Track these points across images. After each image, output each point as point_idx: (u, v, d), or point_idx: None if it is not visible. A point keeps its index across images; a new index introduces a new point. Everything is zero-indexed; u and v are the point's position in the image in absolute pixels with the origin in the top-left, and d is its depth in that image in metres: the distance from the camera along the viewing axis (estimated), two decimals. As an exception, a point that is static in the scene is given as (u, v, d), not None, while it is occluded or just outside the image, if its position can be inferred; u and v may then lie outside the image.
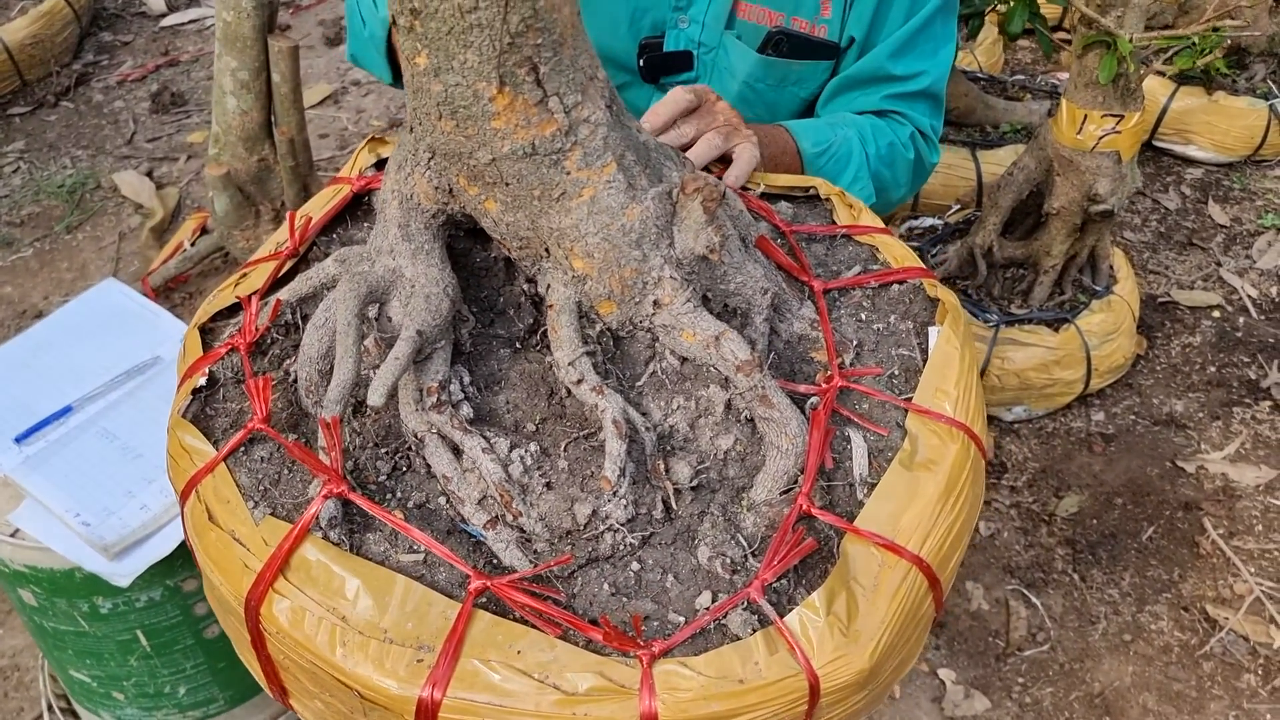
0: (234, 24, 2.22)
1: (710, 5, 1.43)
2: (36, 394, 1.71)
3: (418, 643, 0.73)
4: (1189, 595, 2.22)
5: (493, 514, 0.81)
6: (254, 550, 0.79)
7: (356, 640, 0.73)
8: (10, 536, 1.56)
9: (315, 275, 0.94)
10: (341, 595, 0.75)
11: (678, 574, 0.79)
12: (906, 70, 1.43)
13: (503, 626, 0.74)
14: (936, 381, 0.89)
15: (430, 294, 0.86)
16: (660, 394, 0.88)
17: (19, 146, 3.63)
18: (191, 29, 4.25)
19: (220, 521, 0.81)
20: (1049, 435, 2.58)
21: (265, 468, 0.85)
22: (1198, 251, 3.08)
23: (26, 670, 2.15)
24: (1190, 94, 3.26)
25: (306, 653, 0.75)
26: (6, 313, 2.99)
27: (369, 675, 0.72)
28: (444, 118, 0.80)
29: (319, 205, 1.08)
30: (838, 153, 1.35)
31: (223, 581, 0.80)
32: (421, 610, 0.74)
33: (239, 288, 0.99)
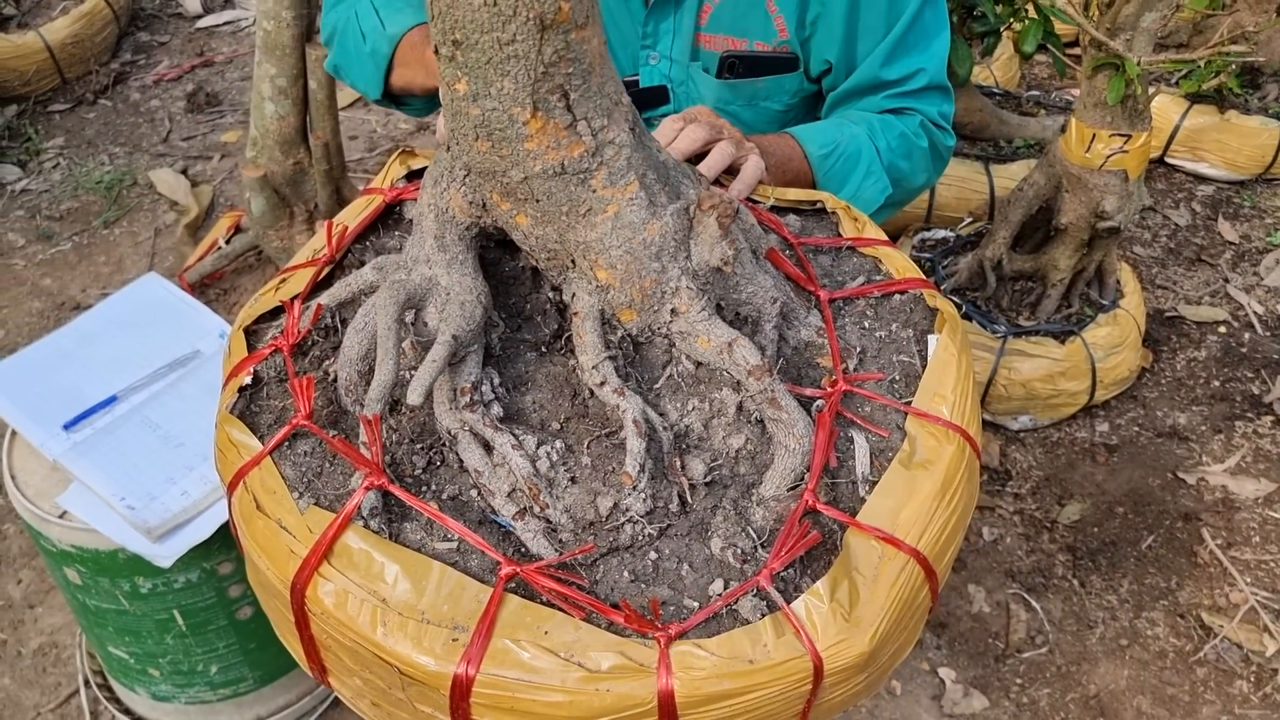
0: (274, 33, 2.31)
1: (675, 39, 1.47)
2: (83, 383, 1.80)
3: (453, 623, 0.78)
4: (1185, 603, 2.29)
5: (521, 506, 0.87)
6: (300, 537, 0.84)
7: (396, 621, 0.79)
8: (59, 518, 1.65)
9: (354, 281, 1.00)
10: (382, 579, 0.80)
11: (692, 563, 0.85)
12: (901, 73, 1.43)
13: (531, 609, 0.79)
14: (935, 387, 0.95)
15: (465, 301, 0.93)
16: (676, 396, 0.94)
17: (59, 143, 3.74)
18: (226, 30, 4.36)
19: (267, 510, 0.86)
20: (1053, 444, 2.64)
21: (308, 461, 0.90)
22: (1206, 267, 3.14)
23: (64, 648, 2.24)
24: (1203, 112, 3.32)
25: (349, 632, 0.80)
26: (46, 304, 3.10)
27: (408, 653, 0.78)
28: (480, 139, 0.86)
29: (353, 214, 1.13)
30: (846, 151, 1.36)
31: (269, 566, 0.85)
32: (456, 594, 0.80)
33: (279, 292, 1.04)
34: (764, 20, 1.43)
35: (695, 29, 1.46)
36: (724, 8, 1.43)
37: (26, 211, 3.45)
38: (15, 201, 3.49)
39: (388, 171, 1.18)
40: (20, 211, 3.45)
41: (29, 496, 1.68)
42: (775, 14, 1.41)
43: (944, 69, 1.47)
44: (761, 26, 1.43)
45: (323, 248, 1.09)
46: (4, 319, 3.05)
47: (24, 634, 2.28)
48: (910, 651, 0.95)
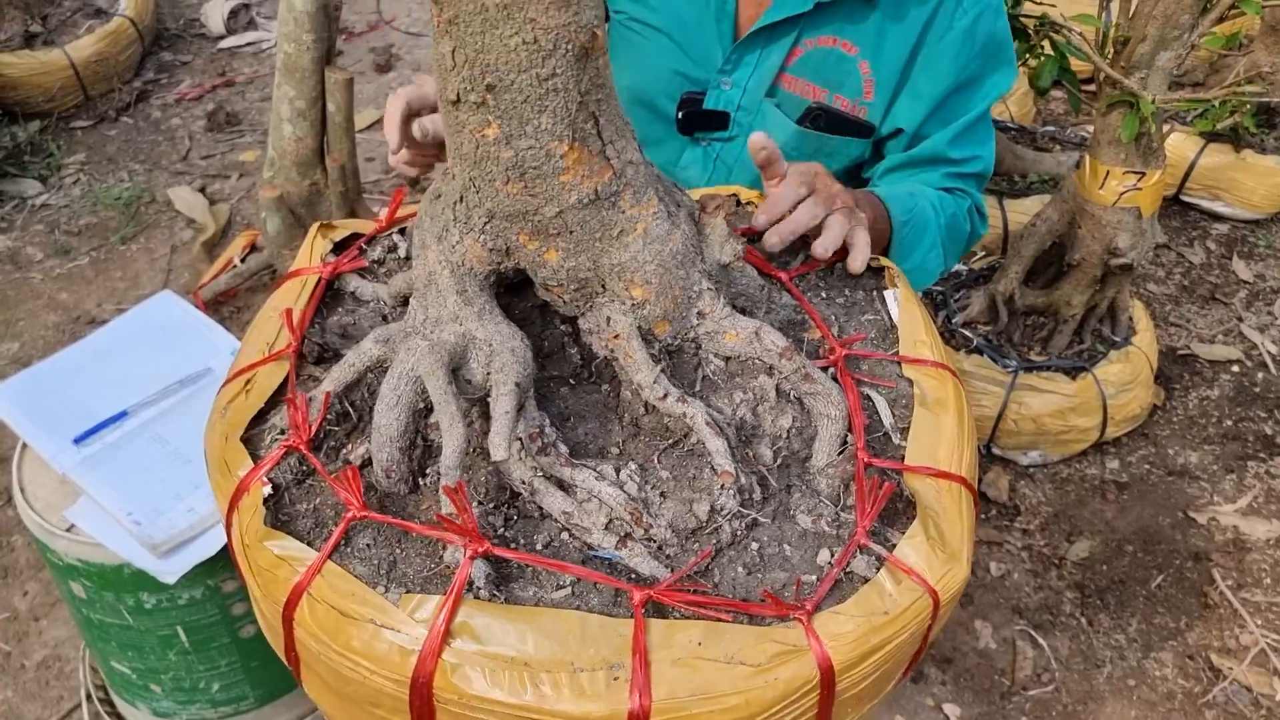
0: (294, 55, 2.34)
1: (754, 72, 1.51)
2: (95, 398, 1.81)
3: (607, 663, 0.77)
4: (1195, 644, 2.26)
5: (620, 534, 0.87)
6: (408, 630, 0.79)
7: (548, 679, 0.76)
8: (66, 531, 1.66)
9: (357, 362, 0.95)
10: (517, 643, 0.78)
11: (791, 542, 0.89)
12: (963, 155, 1.51)
13: (675, 626, 0.80)
14: (912, 335, 1.05)
15: (514, 348, 0.92)
16: (717, 393, 0.98)
17: (79, 159, 3.78)
18: (248, 51, 4.41)
19: (355, 614, 0.81)
20: (1063, 481, 2.63)
21: (375, 552, 0.86)
22: (1220, 306, 3.13)
23: (67, 661, 2.24)
24: (1218, 151, 3.31)
25: (497, 707, 0.77)
26: (61, 318, 3.12)
27: (572, 706, 0.76)
28: (511, 181, 0.86)
29: (290, 297, 1.07)
30: (917, 222, 1.41)
31: (378, 670, 0.79)
32: (598, 634, 0.79)
33: (249, 396, 0.98)
34: (854, 79, 1.47)
35: (780, 68, 1.49)
36: (814, 55, 1.48)
37: (45, 226, 3.48)
38: (35, 216, 3.52)
39: (311, 248, 1.13)
40: (39, 226, 3.48)
41: (37, 509, 1.69)
42: (867, 76, 1.46)
43: (992, 166, 1.56)
44: (849, 83, 1.48)
45: (276, 340, 1.04)
46: (20, 332, 3.07)
47: (28, 646, 2.28)
48: (914, 686, 0.97)
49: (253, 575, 0.88)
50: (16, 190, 3.60)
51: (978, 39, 1.44)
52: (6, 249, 3.38)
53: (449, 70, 0.81)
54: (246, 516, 0.89)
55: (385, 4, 4.72)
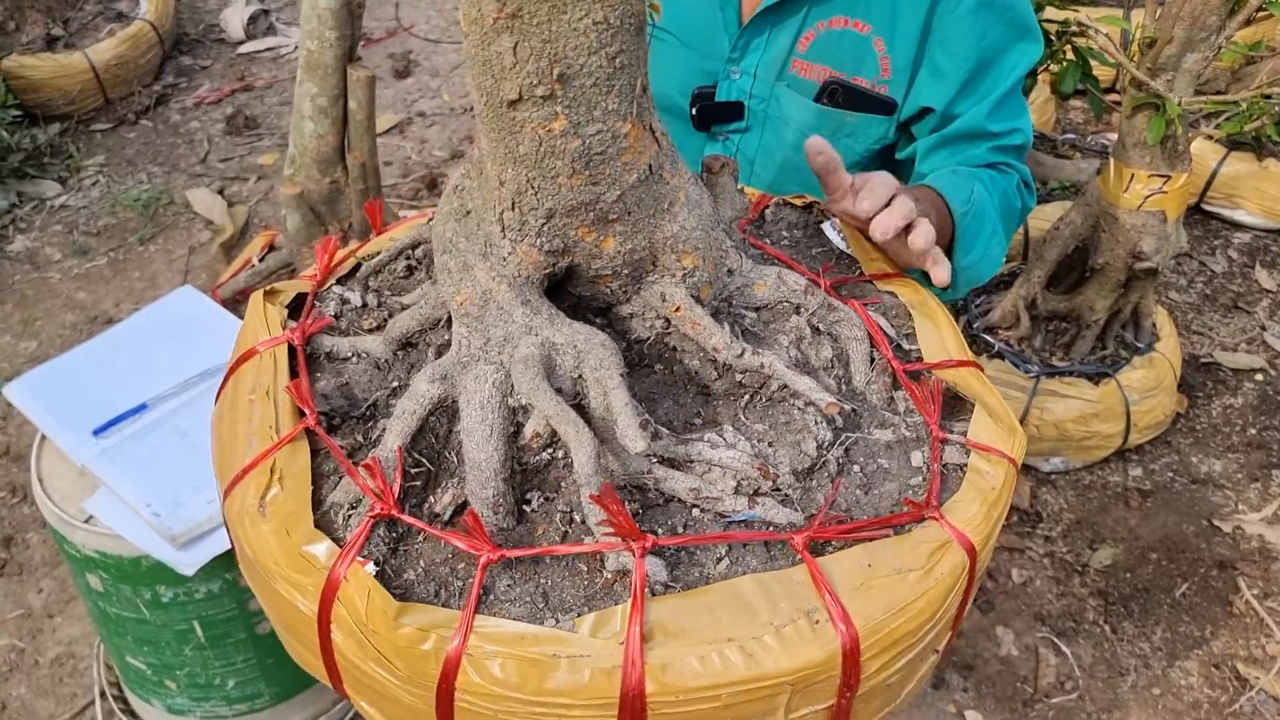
0: (316, 53, 2.34)
1: (763, 58, 1.49)
2: (115, 391, 1.80)
3: (802, 610, 0.78)
4: (1220, 653, 2.23)
5: (749, 493, 0.87)
6: (598, 650, 0.76)
7: (757, 646, 0.76)
8: (84, 523, 1.65)
9: (417, 408, 0.89)
10: (712, 624, 0.77)
11: (882, 455, 0.92)
12: (1003, 128, 1.46)
13: (839, 558, 0.82)
14: (863, 254, 1.13)
15: (603, 341, 0.89)
16: (762, 342, 0.98)
17: (99, 161, 3.80)
18: (267, 56, 4.42)
19: (536, 656, 0.76)
20: (1085, 488, 2.60)
21: (521, 589, 0.82)
22: (1242, 315, 3.10)
23: (81, 658, 2.23)
24: (1241, 159, 3.29)
25: (718, 691, 0.75)
26: (79, 317, 3.12)
27: (794, 661, 0.75)
28: (577, 172, 0.84)
29: (268, 374, 0.97)
30: (976, 209, 1.37)
31: (584, 700, 0.76)
32: (779, 589, 0.79)
33: (287, 485, 0.87)
34: (871, 58, 1.45)
35: (791, 53, 1.47)
36: (827, 38, 1.45)
37: (64, 227, 3.49)
38: (54, 217, 3.53)
39: (264, 319, 1.03)
40: (58, 227, 3.49)
41: (56, 501, 1.68)
42: (883, 54, 1.43)
43: (1031, 136, 1.52)
44: (866, 64, 1.45)
45: (276, 419, 0.93)
46: (38, 331, 3.07)
47: (42, 643, 2.27)
48: (935, 693, 0.97)
49: (389, 663, 0.78)
50: (36, 191, 3.61)
51: (994, 9, 1.40)
52: (26, 249, 3.39)
53: (508, 68, 0.78)
54: (356, 605, 0.79)
55: (404, 11, 4.74)
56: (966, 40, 1.40)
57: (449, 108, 4.10)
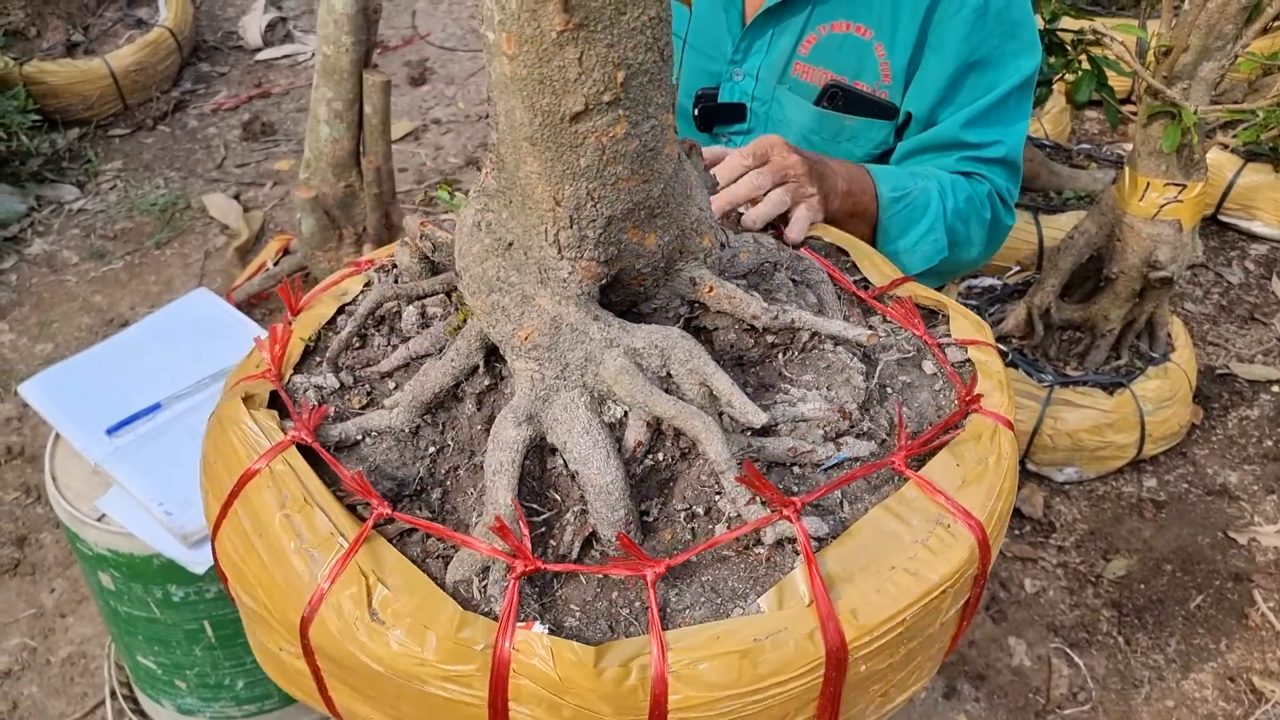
0: (333, 57, 2.35)
1: (765, 60, 1.49)
2: (129, 390, 1.81)
3: (933, 521, 0.84)
4: (1235, 666, 2.21)
5: (834, 435, 0.91)
6: (788, 623, 0.77)
7: (917, 562, 0.81)
8: (97, 521, 1.65)
9: (511, 456, 0.85)
10: (873, 555, 0.82)
11: (902, 373, 1.00)
12: (980, 139, 1.45)
13: (932, 466, 0.88)
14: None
15: (680, 334, 0.90)
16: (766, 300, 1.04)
17: (117, 166, 3.83)
18: (284, 63, 4.45)
19: (742, 650, 0.76)
20: (1099, 498, 2.58)
21: (692, 594, 0.82)
22: (1259, 326, 3.08)
23: (92, 658, 2.24)
24: (1257, 170, 3.28)
25: (904, 616, 0.80)
26: (95, 320, 3.14)
27: (948, 565, 0.81)
28: (635, 173, 0.84)
29: (295, 485, 0.87)
30: (915, 201, 1.36)
31: (800, 672, 0.76)
32: (905, 508, 0.85)
33: (394, 582, 0.81)
34: (871, 63, 1.44)
35: (793, 56, 1.47)
36: (829, 41, 1.45)
37: (82, 230, 3.52)
38: (71, 220, 3.56)
39: (257, 429, 0.91)
40: (75, 230, 3.52)
41: (69, 499, 1.69)
42: (884, 59, 1.43)
43: (1020, 150, 1.50)
44: (867, 68, 1.45)
45: (337, 526, 0.85)
46: (54, 333, 3.09)
47: (54, 643, 2.28)
48: (946, 703, 0.97)
49: (594, 712, 0.75)
50: (54, 195, 3.64)
51: (991, 17, 1.39)
52: (44, 252, 3.42)
53: (572, 81, 0.77)
54: (542, 670, 0.75)
55: (421, 19, 4.77)
56: (958, 47, 1.40)
57: (464, 115, 4.12)
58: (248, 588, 0.86)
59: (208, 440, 0.96)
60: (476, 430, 0.94)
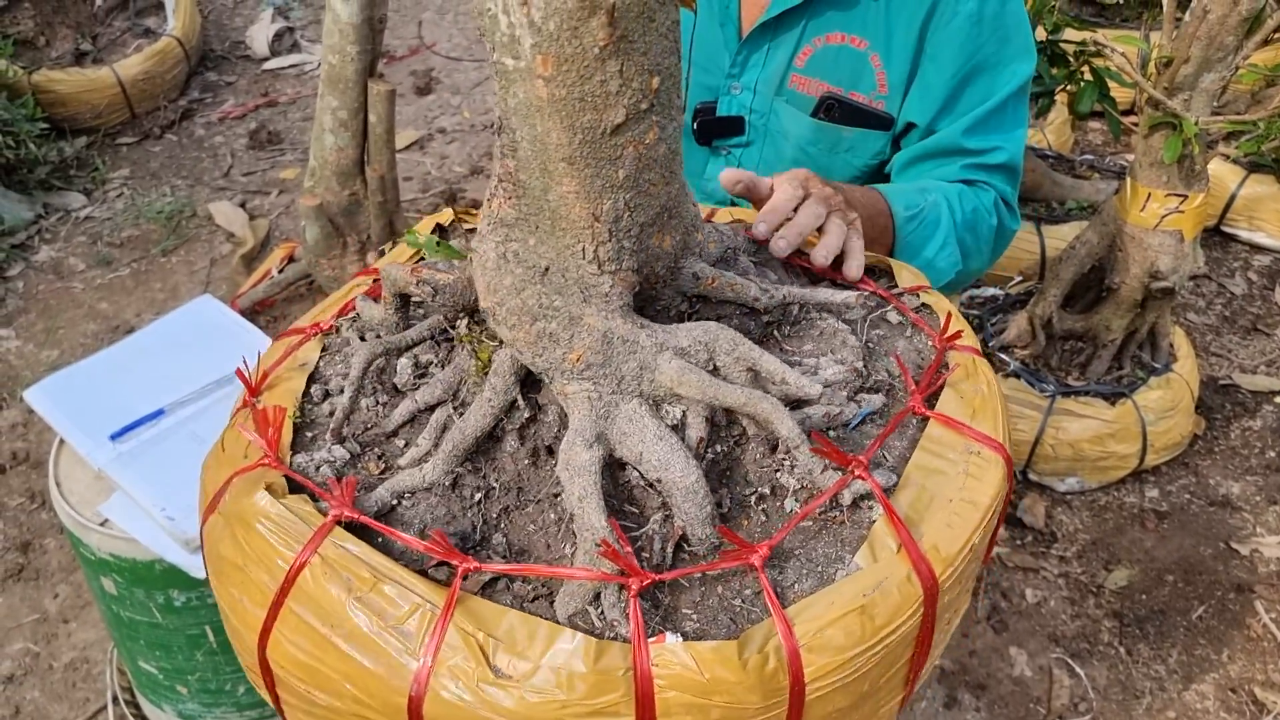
0: (338, 67, 2.37)
1: (762, 73, 1.50)
2: (133, 396, 1.82)
3: (965, 450, 0.91)
4: (1237, 677, 2.20)
5: (853, 393, 0.95)
6: (886, 573, 0.80)
7: (967, 490, 0.87)
8: (100, 526, 1.66)
9: (591, 479, 0.85)
10: (929, 492, 0.88)
11: (875, 327, 1.06)
12: (981, 145, 1.45)
13: (941, 402, 0.95)
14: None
15: (719, 326, 0.93)
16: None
17: (124, 173, 3.85)
18: (291, 73, 4.48)
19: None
20: (1101, 508, 2.58)
21: (792, 570, 0.84)
22: (1262, 337, 3.08)
23: (95, 664, 2.25)
24: (1260, 181, 3.28)
25: (972, 538, 0.85)
26: (101, 326, 3.16)
27: (991, 487, 0.87)
28: (662, 177, 0.85)
29: (357, 566, 0.82)
30: (927, 218, 1.36)
31: (899, 622, 0.80)
32: (938, 445, 0.91)
33: (495, 640, 0.78)
34: (868, 73, 1.45)
35: (789, 68, 1.48)
36: (824, 53, 1.45)
37: (88, 238, 3.54)
38: (79, 228, 3.58)
39: (293, 518, 0.86)
40: (82, 237, 3.54)
41: (72, 504, 1.70)
42: (879, 69, 1.44)
43: (1020, 156, 1.50)
44: (863, 79, 1.46)
45: (416, 608, 0.80)
46: (60, 340, 3.11)
47: (56, 648, 2.29)
48: (947, 712, 0.99)
49: (743, 703, 0.75)
50: (62, 203, 3.67)
51: (986, 23, 1.39)
52: (50, 259, 3.44)
53: (614, 94, 0.77)
54: (688, 678, 0.76)
55: (427, 29, 4.79)
56: (954, 51, 1.40)
57: (469, 124, 4.14)
58: (330, 686, 0.80)
59: (225, 545, 0.87)
60: (523, 465, 0.92)
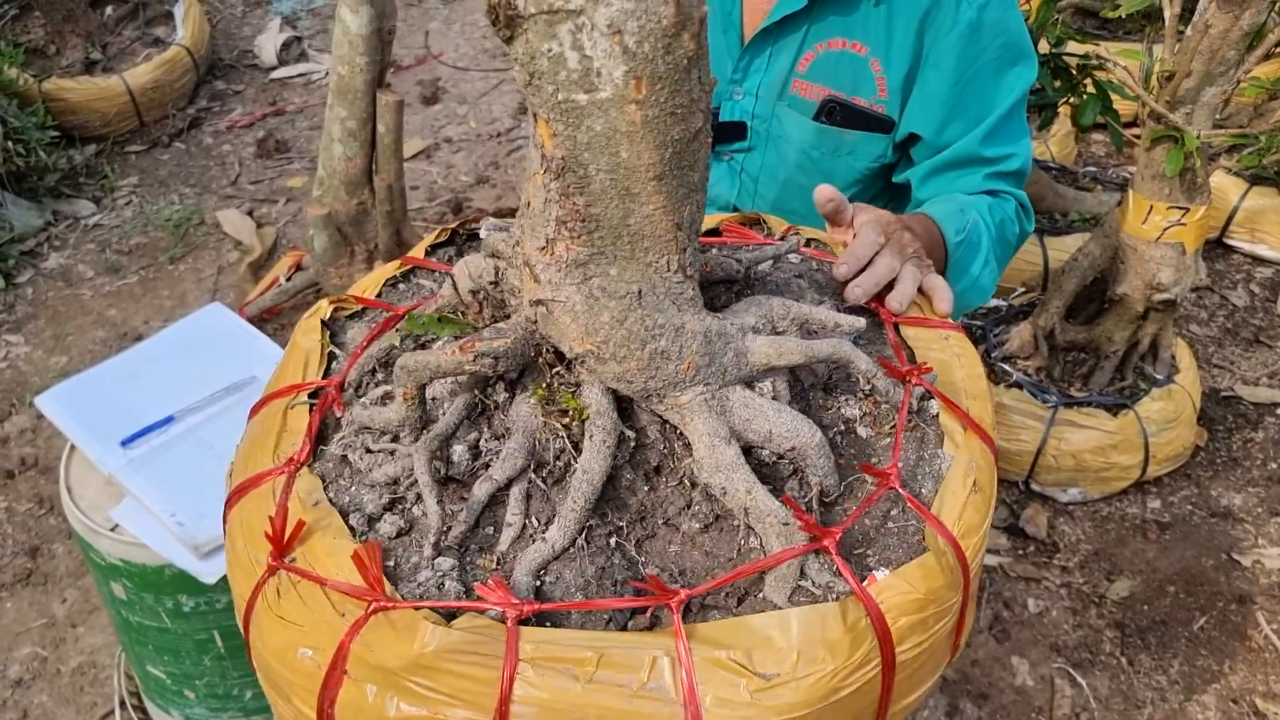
0: (347, 77, 2.39)
1: (764, 78, 1.52)
2: (143, 403, 1.84)
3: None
4: (1239, 687, 2.21)
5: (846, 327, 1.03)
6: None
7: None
8: (110, 531, 1.68)
9: (744, 471, 0.88)
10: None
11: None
12: (998, 153, 1.48)
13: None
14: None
15: (765, 296, 1.01)
16: None
17: (132, 181, 3.88)
18: (299, 82, 4.51)
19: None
20: (1103, 519, 2.59)
21: (871, 547, 0.89)
22: (1264, 349, 3.09)
23: (103, 668, 2.26)
24: (1262, 194, 3.29)
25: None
26: (109, 334, 3.18)
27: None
28: (707, 167, 0.88)
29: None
30: (970, 238, 1.38)
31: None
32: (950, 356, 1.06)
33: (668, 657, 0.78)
34: (868, 79, 1.47)
35: (791, 73, 1.50)
36: (826, 59, 1.48)
37: (97, 245, 3.56)
38: (87, 235, 3.61)
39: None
40: (91, 245, 3.56)
41: (83, 509, 1.72)
42: (879, 74, 1.46)
43: (1030, 161, 1.54)
44: (864, 84, 1.48)
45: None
46: (69, 346, 3.13)
47: (64, 653, 2.31)
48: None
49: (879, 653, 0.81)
50: (71, 210, 3.69)
51: (986, 31, 1.41)
52: (59, 266, 3.46)
53: (695, 101, 0.82)
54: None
55: (434, 39, 4.82)
56: (957, 63, 1.42)
57: (475, 134, 4.16)
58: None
59: (415, 711, 0.78)
60: (643, 494, 0.93)
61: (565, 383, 0.94)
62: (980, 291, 1.43)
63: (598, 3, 0.73)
